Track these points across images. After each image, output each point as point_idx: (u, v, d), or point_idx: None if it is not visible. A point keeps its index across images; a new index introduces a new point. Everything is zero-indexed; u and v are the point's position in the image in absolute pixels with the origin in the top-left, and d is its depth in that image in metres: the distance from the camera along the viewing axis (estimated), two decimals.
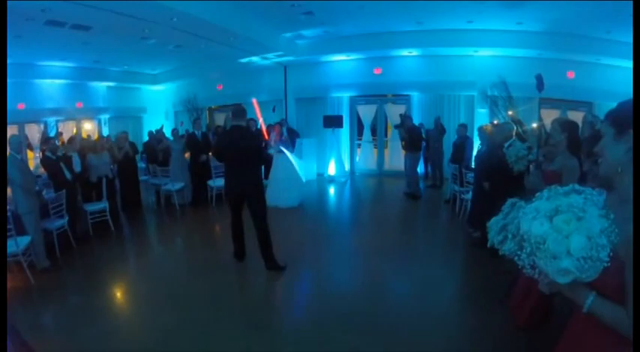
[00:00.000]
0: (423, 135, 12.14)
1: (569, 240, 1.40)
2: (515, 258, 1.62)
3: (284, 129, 11.66)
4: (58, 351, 4.14)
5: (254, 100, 10.82)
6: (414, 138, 11.10)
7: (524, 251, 1.53)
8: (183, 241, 8.39)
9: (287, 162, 10.32)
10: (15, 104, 13.34)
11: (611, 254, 1.39)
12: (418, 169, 11.56)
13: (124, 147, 9.88)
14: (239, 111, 6.12)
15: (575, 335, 1.83)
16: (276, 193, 9.85)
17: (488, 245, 2.06)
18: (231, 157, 6.01)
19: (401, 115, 12.04)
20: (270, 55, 13.39)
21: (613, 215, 1.44)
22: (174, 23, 9.28)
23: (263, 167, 8.49)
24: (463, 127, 10.52)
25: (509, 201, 2.03)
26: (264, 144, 6.27)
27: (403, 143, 11.59)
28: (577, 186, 1.55)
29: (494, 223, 2.01)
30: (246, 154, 5.90)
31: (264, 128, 10.98)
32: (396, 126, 12.49)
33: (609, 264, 1.39)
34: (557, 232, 1.43)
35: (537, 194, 1.62)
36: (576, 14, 9.66)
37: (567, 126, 4.21)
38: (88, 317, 4.85)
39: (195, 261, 6.84)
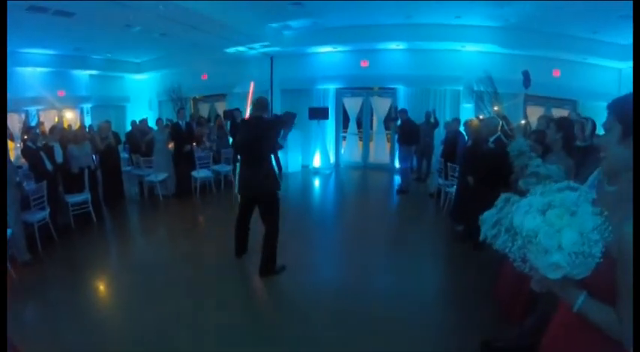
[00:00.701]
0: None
1: (561, 235, 1.39)
2: (507, 251, 1.61)
3: None
4: (41, 346, 4.05)
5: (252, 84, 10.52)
6: (408, 132, 11.16)
7: (515, 244, 1.53)
8: (166, 233, 8.28)
9: None
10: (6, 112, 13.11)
11: (603, 251, 1.38)
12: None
13: (107, 137, 9.70)
14: (260, 101, 5.75)
15: (560, 327, 1.84)
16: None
17: (481, 239, 2.03)
18: (242, 151, 5.78)
19: (397, 109, 12.19)
20: (256, 45, 13.24)
21: (607, 213, 1.42)
22: (160, 11, 9.11)
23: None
24: (456, 122, 10.48)
25: (503, 195, 2.02)
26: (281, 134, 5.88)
27: (397, 136, 11.77)
28: (572, 183, 1.54)
29: (487, 217, 1.99)
30: (258, 147, 5.53)
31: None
32: (391, 119, 12.67)
33: (601, 260, 1.38)
34: (550, 226, 1.42)
35: (531, 189, 1.61)
36: (563, 13, 9.72)
37: (563, 125, 4.20)
38: (71, 310, 4.79)
39: (179, 253, 6.77)
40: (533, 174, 3.67)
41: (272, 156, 5.85)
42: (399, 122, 11.57)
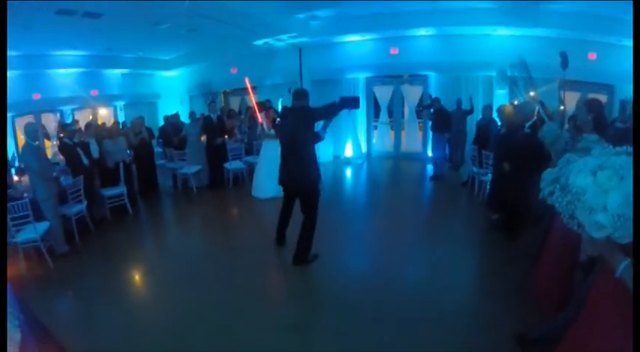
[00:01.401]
0: None
1: (607, 196, 1.45)
2: (557, 206, 1.67)
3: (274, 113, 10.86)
4: (78, 335, 4.11)
5: (246, 79, 10.51)
6: (442, 120, 11.11)
7: (564, 199, 1.60)
8: (201, 224, 8.36)
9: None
10: (29, 95, 13.47)
11: None
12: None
13: (140, 132, 9.88)
14: (300, 91, 5.69)
15: (586, 324, 1.89)
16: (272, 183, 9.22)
17: (540, 197, 1.99)
18: (282, 141, 5.67)
19: (430, 97, 12.16)
20: (284, 37, 13.20)
21: None
22: (186, 6, 9.15)
23: None
24: (489, 108, 10.28)
25: (566, 155, 1.97)
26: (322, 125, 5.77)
27: (430, 124, 11.75)
28: (630, 149, 1.55)
29: (547, 174, 1.95)
30: (299, 137, 5.43)
31: (256, 108, 10.71)
32: (424, 107, 12.71)
33: None
34: (598, 186, 1.48)
35: (591, 150, 1.65)
36: None
37: (594, 105, 4.06)
38: (108, 300, 4.87)
39: (213, 242, 6.84)
40: (585, 149, 3.55)
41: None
42: (432, 110, 11.43)
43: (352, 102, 5.92)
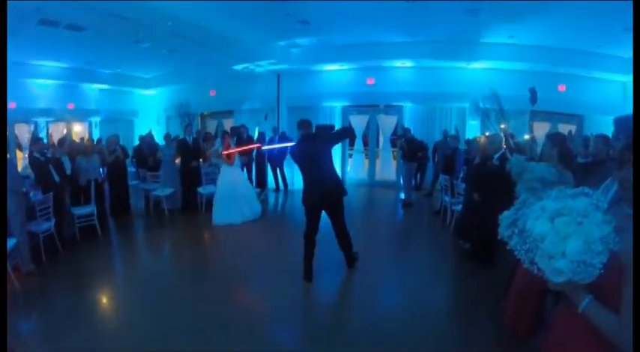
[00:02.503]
0: (427, 146, 12.86)
1: (566, 243, 1.46)
2: (516, 253, 1.69)
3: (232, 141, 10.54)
4: None
5: None
6: (412, 149, 11.40)
7: (525, 247, 1.61)
8: (171, 248, 8.28)
9: (237, 173, 9.92)
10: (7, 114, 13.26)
11: (613, 258, 1.45)
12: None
13: (115, 151, 9.82)
14: (305, 121, 6.23)
15: (559, 330, 1.88)
16: (231, 208, 9.30)
17: (499, 237, 2.06)
18: (307, 167, 6.04)
19: (402, 128, 12.53)
20: (263, 63, 13.38)
21: (615, 222, 1.48)
22: (169, 27, 9.24)
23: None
24: (454, 139, 10.59)
25: (523, 196, 2.05)
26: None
27: (400, 153, 11.95)
28: (587, 189, 1.59)
29: (505, 217, 2.01)
30: (322, 159, 5.98)
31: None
32: (397, 137, 12.83)
33: (602, 271, 1.44)
34: (556, 233, 1.49)
35: (547, 193, 1.69)
36: (567, 28, 9.81)
37: (557, 140, 4.24)
38: (73, 322, 4.79)
39: (183, 269, 6.79)
40: (539, 180, 3.68)
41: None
42: (396, 137, 11.93)
43: (349, 133, 6.30)
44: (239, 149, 10.06)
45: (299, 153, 6.10)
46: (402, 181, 12.15)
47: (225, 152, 9.20)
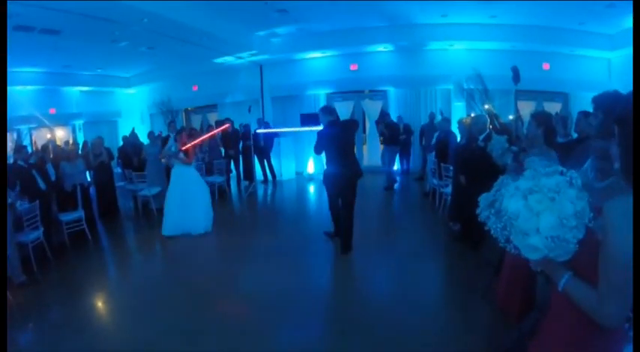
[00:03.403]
0: (413, 130, 13.04)
1: (539, 219, 1.48)
2: (492, 232, 1.72)
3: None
4: None
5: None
6: (392, 133, 11.49)
7: (499, 225, 1.64)
8: (162, 248, 8.21)
9: (194, 176, 8.64)
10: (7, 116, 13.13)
11: (589, 233, 1.46)
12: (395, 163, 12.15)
13: (101, 154, 9.70)
14: (331, 108, 7.10)
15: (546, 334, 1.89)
16: (191, 215, 8.21)
17: (479, 219, 2.05)
18: (335, 146, 6.59)
19: (381, 112, 12.69)
20: (244, 54, 13.30)
21: (588, 196, 1.50)
22: (145, 24, 9.13)
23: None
24: (446, 121, 10.56)
25: (501, 178, 2.04)
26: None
27: (381, 138, 12.04)
28: (561, 168, 1.60)
29: (483, 199, 1.98)
30: (351, 143, 7.02)
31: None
32: (376, 122, 12.81)
33: (577, 246, 1.46)
34: (529, 210, 1.51)
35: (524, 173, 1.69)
36: (549, 6, 9.79)
37: (542, 119, 4.22)
38: (69, 332, 4.74)
39: (175, 269, 6.73)
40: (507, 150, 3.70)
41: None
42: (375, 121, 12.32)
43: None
44: (195, 141, 9.12)
45: (332, 136, 6.61)
46: (383, 165, 12.32)
47: (183, 148, 8.37)
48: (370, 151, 15.00)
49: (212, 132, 11.34)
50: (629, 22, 10.48)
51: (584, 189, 1.56)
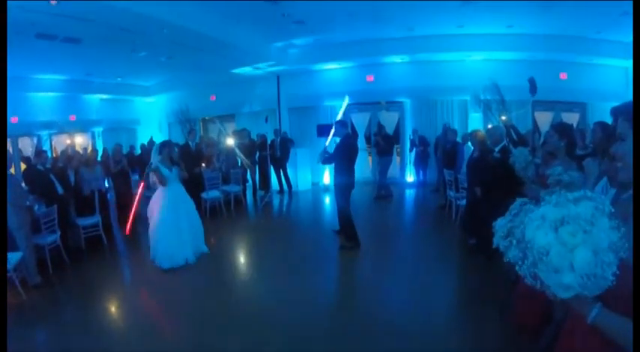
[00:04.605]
0: (429, 142, 13.25)
1: (574, 255, 1.32)
2: (517, 267, 1.51)
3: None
4: None
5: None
6: (388, 145, 12.13)
7: (526, 260, 1.43)
8: None
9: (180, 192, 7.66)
10: (7, 117, 13.35)
11: (622, 263, 1.32)
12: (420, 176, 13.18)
13: (120, 161, 9.86)
14: (344, 122, 7.93)
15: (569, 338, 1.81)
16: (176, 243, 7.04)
17: (494, 246, 1.93)
18: (350, 158, 7.50)
19: (378, 124, 12.91)
20: (262, 65, 13.42)
21: (624, 228, 1.35)
22: (165, 35, 9.26)
23: None
24: (453, 132, 10.54)
25: (519, 200, 1.91)
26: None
27: (376, 149, 12.75)
28: (589, 193, 1.44)
29: (500, 226, 1.81)
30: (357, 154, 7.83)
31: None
32: (374, 134, 13.12)
33: (614, 282, 1.31)
34: (562, 245, 1.34)
35: (546, 197, 1.52)
36: (566, 15, 9.76)
37: (565, 131, 4.18)
38: (82, 334, 4.79)
39: (190, 275, 6.76)
40: (556, 183, 3.57)
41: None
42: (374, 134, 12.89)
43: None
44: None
45: (350, 148, 7.58)
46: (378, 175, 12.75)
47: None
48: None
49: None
50: None
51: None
